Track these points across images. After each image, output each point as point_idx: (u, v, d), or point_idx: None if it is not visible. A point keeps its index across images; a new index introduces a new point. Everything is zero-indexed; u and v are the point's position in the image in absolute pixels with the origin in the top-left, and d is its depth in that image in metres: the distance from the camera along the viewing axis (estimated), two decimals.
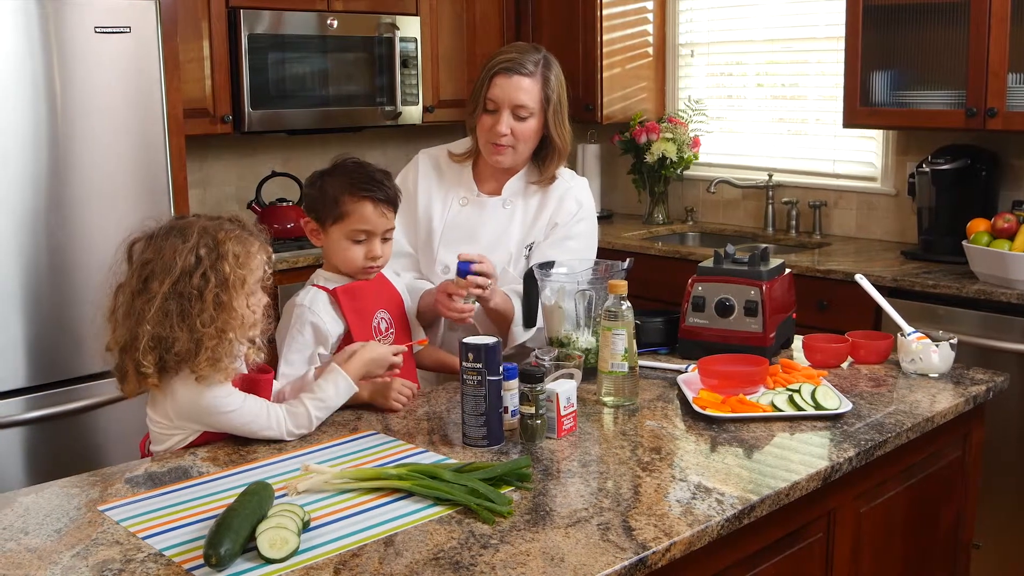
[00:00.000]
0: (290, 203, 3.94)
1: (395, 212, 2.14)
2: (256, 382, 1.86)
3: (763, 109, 4.37)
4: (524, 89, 2.29)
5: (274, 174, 4.05)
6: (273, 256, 1.88)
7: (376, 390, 2.02)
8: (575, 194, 2.45)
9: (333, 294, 2.10)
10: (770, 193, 4.23)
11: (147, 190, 3.11)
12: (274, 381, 1.96)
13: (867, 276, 2.60)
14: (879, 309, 3.27)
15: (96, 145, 2.97)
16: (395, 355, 2.00)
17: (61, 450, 2.92)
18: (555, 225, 2.42)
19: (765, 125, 4.37)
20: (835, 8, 3.99)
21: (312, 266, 3.68)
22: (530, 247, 2.42)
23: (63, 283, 2.91)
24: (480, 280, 2.14)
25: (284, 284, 3.66)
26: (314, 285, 2.14)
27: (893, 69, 3.61)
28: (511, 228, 2.41)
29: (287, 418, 1.85)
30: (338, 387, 1.91)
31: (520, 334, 2.32)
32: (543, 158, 2.41)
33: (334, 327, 2.09)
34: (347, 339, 2.09)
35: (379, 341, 2.11)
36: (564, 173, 2.47)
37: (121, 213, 3.02)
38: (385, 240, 2.13)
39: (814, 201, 4.10)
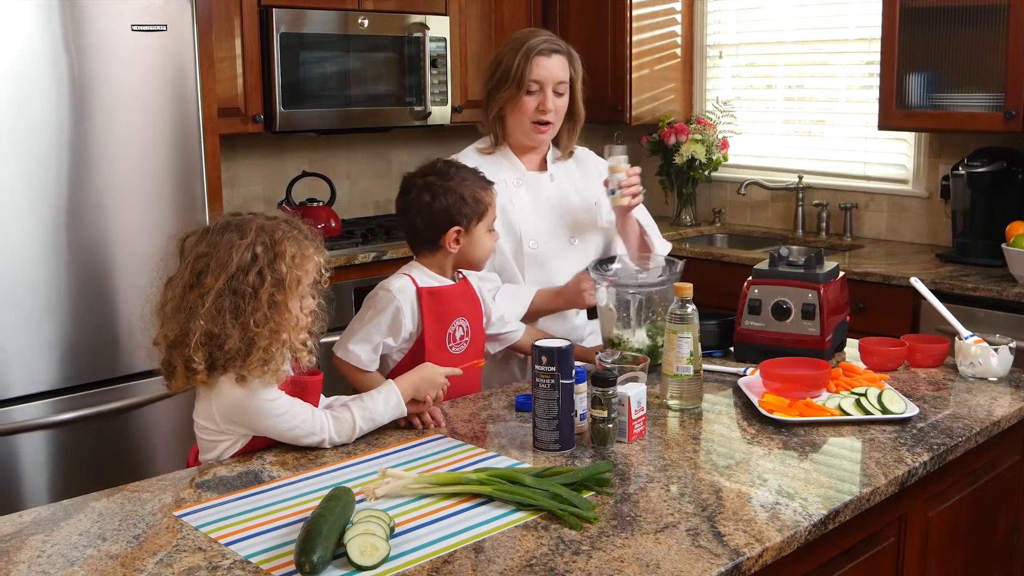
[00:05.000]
0: (320, 203, 3.90)
1: None
2: (305, 385, 1.84)
3: (792, 111, 4.35)
4: (562, 67, 2.43)
5: (305, 174, 4.02)
6: (328, 259, 1.85)
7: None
8: (592, 155, 2.63)
9: (419, 293, 2.09)
10: (800, 195, 4.21)
11: (181, 190, 3.08)
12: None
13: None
14: (917, 312, 3.28)
15: (131, 144, 2.93)
16: (447, 376, 1.96)
17: (95, 453, 2.89)
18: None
19: (794, 127, 4.35)
20: (866, 9, 3.98)
21: (345, 267, 3.67)
22: (596, 203, 2.52)
23: (96, 284, 2.87)
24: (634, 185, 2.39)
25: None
26: (408, 275, 2.12)
27: (929, 71, 3.59)
28: (570, 196, 2.53)
29: (331, 424, 1.82)
30: (388, 402, 1.88)
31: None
32: (568, 130, 2.53)
33: (409, 323, 2.08)
34: (419, 340, 2.08)
35: (451, 348, 2.10)
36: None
37: (155, 213, 2.99)
38: None
39: (845, 203, 4.08)
